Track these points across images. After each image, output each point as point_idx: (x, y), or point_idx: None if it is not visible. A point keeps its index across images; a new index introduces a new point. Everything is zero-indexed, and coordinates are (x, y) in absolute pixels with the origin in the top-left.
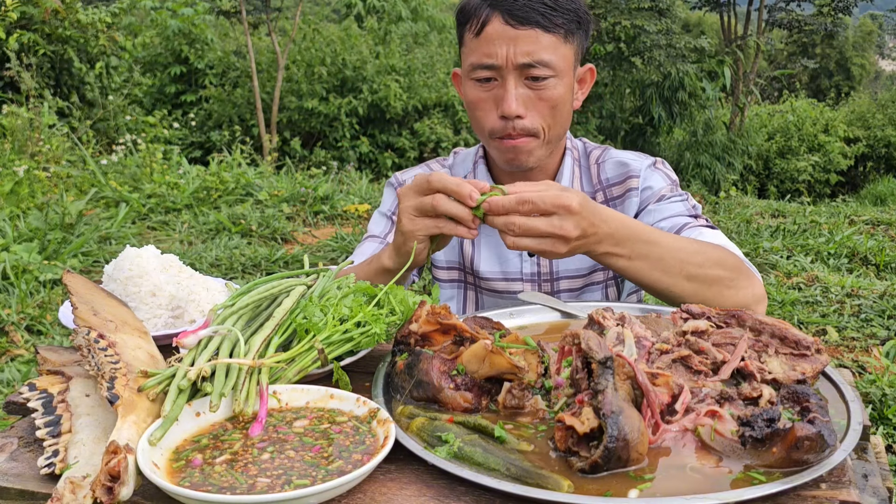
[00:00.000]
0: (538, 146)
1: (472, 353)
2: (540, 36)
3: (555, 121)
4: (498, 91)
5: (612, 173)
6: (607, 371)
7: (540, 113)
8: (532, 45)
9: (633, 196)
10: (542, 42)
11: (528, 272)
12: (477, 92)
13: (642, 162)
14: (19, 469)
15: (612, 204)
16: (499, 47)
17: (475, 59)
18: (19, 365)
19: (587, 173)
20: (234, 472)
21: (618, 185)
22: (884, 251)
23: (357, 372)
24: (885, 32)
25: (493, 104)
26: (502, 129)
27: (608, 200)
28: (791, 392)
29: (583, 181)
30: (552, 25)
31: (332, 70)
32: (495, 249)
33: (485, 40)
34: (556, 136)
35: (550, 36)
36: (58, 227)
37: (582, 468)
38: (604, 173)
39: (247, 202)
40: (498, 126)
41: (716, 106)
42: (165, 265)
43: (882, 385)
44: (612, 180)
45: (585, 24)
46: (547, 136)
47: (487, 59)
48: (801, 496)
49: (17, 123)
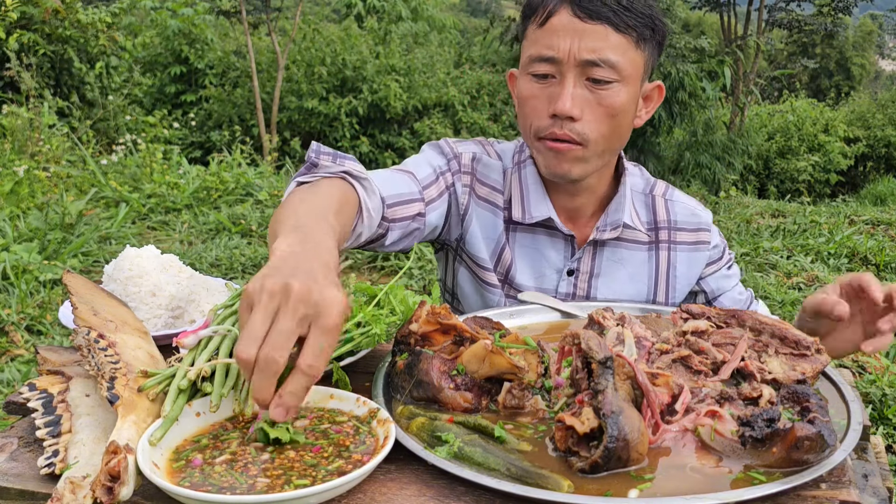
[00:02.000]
0: (587, 157)
1: (472, 353)
2: (609, 34)
3: (611, 131)
4: (554, 89)
5: (682, 217)
6: (607, 371)
7: (596, 119)
8: (600, 42)
9: (703, 249)
10: (611, 41)
11: (564, 291)
12: (531, 87)
13: (708, 215)
14: (19, 469)
15: (674, 248)
16: (562, 40)
17: (534, 51)
18: (19, 365)
19: (646, 205)
20: (234, 472)
21: (688, 232)
22: (884, 251)
23: (357, 372)
24: (885, 32)
25: (546, 102)
26: (548, 128)
27: (671, 242)
28: (791, 392)
29: (638, 211)
30: (624, 25)
31: (332, 70)
32: (532, 263)
33: (548, 31)
34: (609, 149)
35: (620, 36)
36: (58, 227)
37: (582, 468)
38: (673, 214)
39: (247, 202)
40: (546, 124)
41: (716, 106)
42: (165, 265)
43: (882, 385)
44: (681, 224)
45: (660, 34)
46: (599, 146)
47: (548, 52)
48: (801, 496)
49: (17, 123)
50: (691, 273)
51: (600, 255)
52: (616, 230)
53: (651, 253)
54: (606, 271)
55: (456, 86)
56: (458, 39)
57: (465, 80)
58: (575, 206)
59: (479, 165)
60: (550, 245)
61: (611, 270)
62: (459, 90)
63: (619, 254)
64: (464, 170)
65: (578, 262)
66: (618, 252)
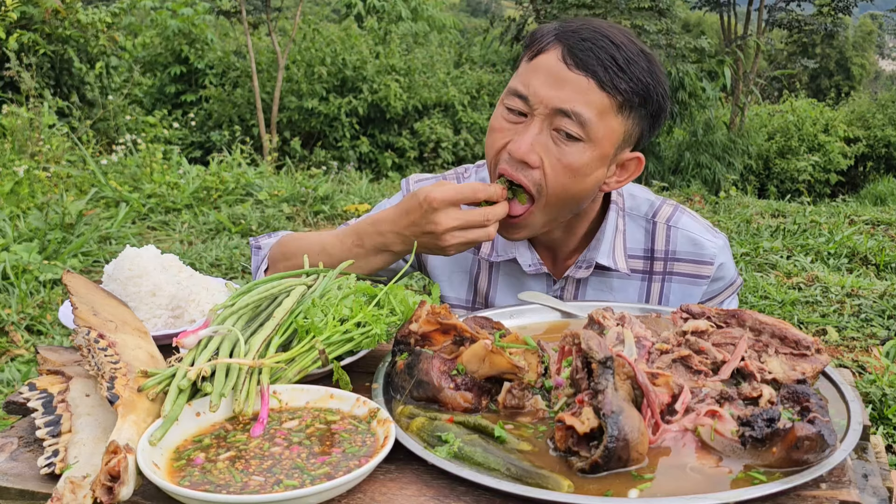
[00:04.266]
0: (529, 222)
1: (472, 353)
2: (592, 89)
3: (566, 190)
4: (520, 128)
5: (682, 248)
6: (607, 371)
7: (554, 175)
8: (576, 95)
9: (701, 284)
10: (590, 96)
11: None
12: (500, 120)
13: (715, 245)
14: (19, 469)
15: (668, 279)
16: (542, 83)
17: (513, 83)
18: (19, 365)
19: (645, 232)
20: (234, 471)
21: (686, 263)
22: (884, 251)
23: (357, 372)
24: (885, 32)
25: (509, 137)
26: (504, 161)
27: (665, 273)
28: (791, 392)
29: (629, 242)
30: (610, 86)
31: (332, 70)
32: (513, 283)
33: (532, 68)
34: (563, 207)
35: (603, 95)
36: (58, 227)
37: (582, 468)
38: (672, 243)
39: (247, 202)
40: (503, 157)
41: (716, 106)
42: (165, 265)
43: (882, 385)
44: (679, 255)
45: (653, 105)
46: (551, 201)
47: (524, 89)
48: (801, 496)
49: (17, 123)
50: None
51: (584, 285)
52: (588, 269)
53: (644, 283)
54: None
55: (456, 86)
56: (458, 39)
57: (465, 80)
58: (552, 240)
59: None
60: (529, 277)
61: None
62: (459, 90)
63: (607, 283)
64: None
65: (561, 291)
66: (607, 281)
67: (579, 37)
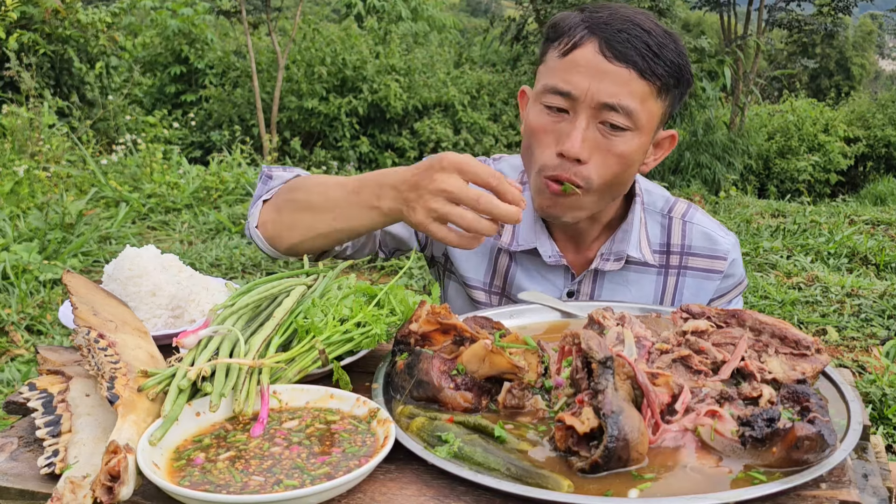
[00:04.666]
0: (583, 204)
1: (472, 352)
2: (633, 79)
3: (615, 178)
4: (565, 126)
5: (697, 242)
6: (607, 371)
7: (603, 164)
8: (621, 87)
9: (714, 279)
10: (633, 87)
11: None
12: (542, 119)
13: (728, 242)
14: (19, 469)
15: (683, 273)
16: (583, 77)
17: (551, 82)
18: (19, 365)
19: (661, 227)
20: (234, 471)
21: (701, 258)
22: (884, 251)
23: (357, 372)
24: (885, 32)
25: (554, 138)
26: (554, 168)
27: (681, 268)
28: (791, 392)
29: (650, 234)
30: (650, 72)
31: (332, 70)
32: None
33: (570, 64)
34: (609, 195)
35: (644, 83)
36: (58, 227)
37: (582, 468)
38: (688, 238)
39: (247, 202)
40: (551, 163)
41: (716, 106)
42: (165, 265)
43: (882, 385)
44: (694, 250)
45: (685, 84)
46: (600, 192)
47: (565, 86)
48: (801, 496)
49: (17, 123)
50: (696, 301)
51: (601, 278)
52: (619, 262)
53: (660, 277)
54: (608, 294)
55: (456, 86)
56: (458, 39)
57: (465, 80)
58: (576, 231)
59: None
60: (548, 268)
61: (613, 293)
62: (459, 90)
63: (624, 276)
64: None
65: (579, 285)
66: (624, 275)
67: (614, 28)
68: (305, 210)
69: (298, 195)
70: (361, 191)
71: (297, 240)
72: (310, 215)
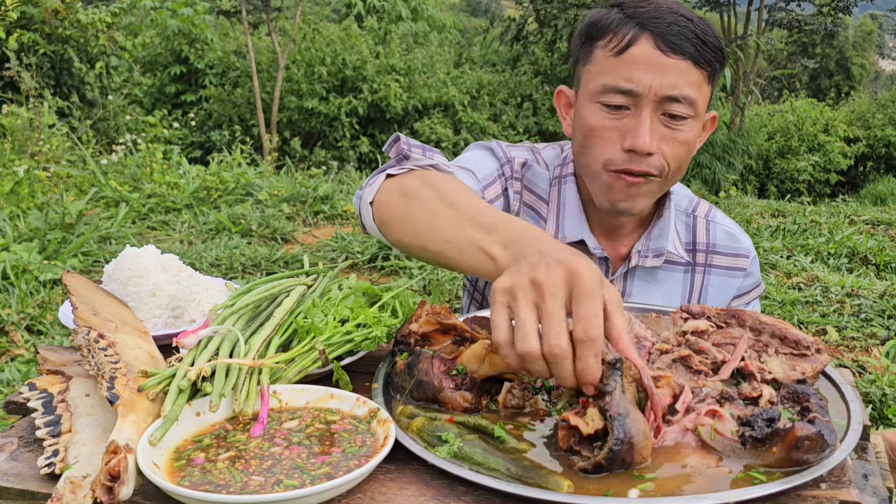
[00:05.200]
0: (656, 190)
1: (472, 353)
2: (689, 70)
3: (681, 165)
4: (628, 121)
5: (721, 241)
6: (616, 372)
7: (671, 153)
8: (680, 78)
9: (738, 276)
10: (690, 77)
11: None
12: (602, 118)
13: (748, 241)
14: (19, 469)
15: (709, 271)
16: (643, 73)
17: (611, 81)
18: (19, 365)
19: (686, 226)
20: (234, 471)
21: (725, 256)
22: (884, 251)
23: (357, 372)
24: (885, 32)
25: (618, 135)
26: (624, 162)
27: (707, 266)
28: (791, 392)
29: (679, 232)
30: (702, 61)
31: (332, 70)
32: None
33: (627, 62)
34: (674, 181)
35: (699, 72)
36: (58, 227)
37: (584, 468)
38: (713, 237)
39: (247, 202)
40: (619, 158)
41: (716, 106)
42: (165, 265)
43: (882, 385)
44: (719, 248)
45: (724, 65)
46: (671, 179)
47: (627, 84)
48: (801, 496)
49: (17, 123)
50: (721, 298)
51: (632, 275)
52: (659, 258)
53: (687, 275)
54: (639, 291)
55: (456, 86)
56: (458, 39)
57: (465, 80)
58: (614, 224)
59: (529, 172)
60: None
61: (644, 291)
62: (459, 90)
63: (656, 274)
64: (515, 175)
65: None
66: (654, 273)
67: (665, 22)
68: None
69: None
70: (495, 230)
71: (405, 242)
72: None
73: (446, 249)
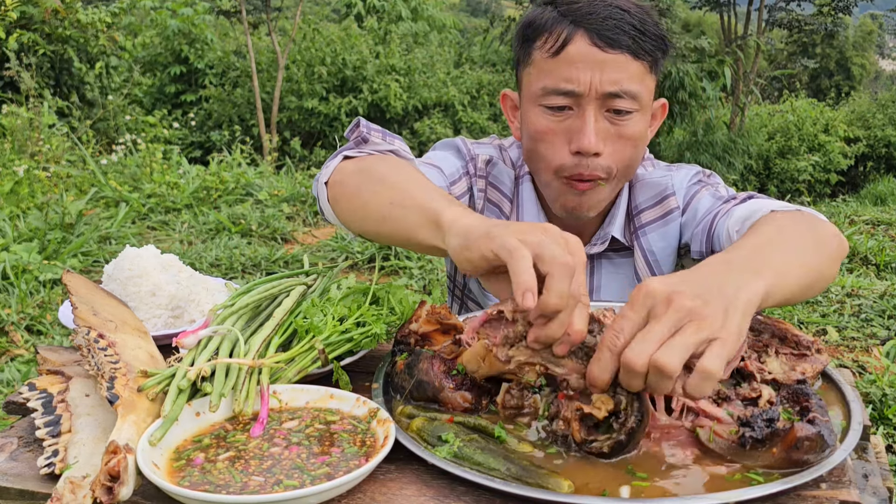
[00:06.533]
0: (608, 192)
1: (472, 353)
2: (629, 63)
3: (631, 160)
4: (573, 122)
5: (643, 197)
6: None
7: (619, 151)
8: (620, 73)
9: (675, 219)
10: (630, 70)
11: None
12: (546, 121)
13: (676, 176)
14: (19, 469)
15: (643, 232)
16: (582, 72)
17: (550, 83)
18: (19, 365)
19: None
20: (234, 471)
21: (651, 209)
22: (884, 251)
23: (357, 372)
24: (885, 32)
25: (564, 137)
26: (574, 168)
27: (638, 229)
28: (791, 392)
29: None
30: (641, 52)
31: (332, 70)
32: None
33: (565, 62)
34: (625, 177)
35: (638, 64)
36: (58, 227)
37: (603, 451)
38: (636, 198)
39: (247, 202)
40: (569, 163)
41: (716, 106)
42: (165, 265)
43: (882, 385)
44: (643, 205)
45: (667, 52)
46: (619, 177)
47: (567, 85)
48: (801, 496)
49: (17, 123)
50: (671, 246)
51: (598, 268)
52: (604, 244)
53: (630, 251)
54: (606, 284)
55: (456, 86)
56: (458, 39)
57: (465, 80)
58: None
59: (494, 170)
60: None
61: (610, 282)
62: (459, 90)
63: (614, 261)
64: (479, 173)
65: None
66: (614, 260)
67: (599, 17)
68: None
69: (383, 168)
70: (447, 200)
71: (353, 216)
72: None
73: (390, 212)
